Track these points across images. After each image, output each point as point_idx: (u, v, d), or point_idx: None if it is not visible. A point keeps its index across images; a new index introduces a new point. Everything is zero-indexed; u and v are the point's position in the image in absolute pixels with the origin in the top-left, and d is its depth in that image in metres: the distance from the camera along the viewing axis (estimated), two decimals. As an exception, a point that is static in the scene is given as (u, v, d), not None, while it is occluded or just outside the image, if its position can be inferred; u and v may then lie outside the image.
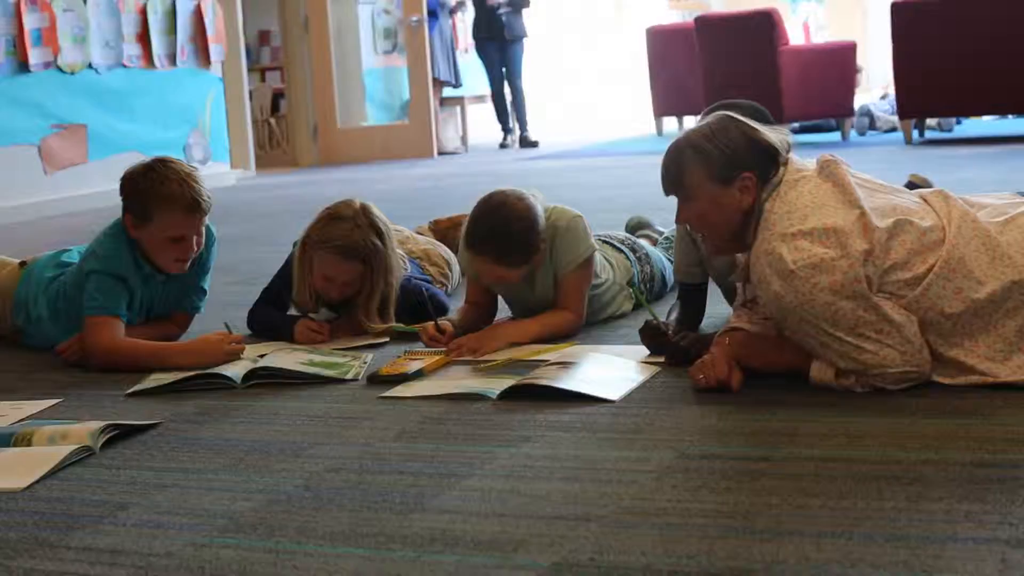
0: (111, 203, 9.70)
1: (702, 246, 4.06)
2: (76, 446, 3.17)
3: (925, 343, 3.21)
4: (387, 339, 4.34)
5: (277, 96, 15.96)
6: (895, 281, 3.18)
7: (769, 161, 3.34)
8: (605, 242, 4.54)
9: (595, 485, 2.70)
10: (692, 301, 4.15)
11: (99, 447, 3.22)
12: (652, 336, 3.83)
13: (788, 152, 3.40)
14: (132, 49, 11.10)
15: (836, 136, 12.99)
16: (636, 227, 5.53)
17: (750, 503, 2.53)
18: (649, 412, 3.24)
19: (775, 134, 3.40)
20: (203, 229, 4.34)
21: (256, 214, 9.24)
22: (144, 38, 11.22)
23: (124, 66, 11.01)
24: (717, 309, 4.28)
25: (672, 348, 3.67)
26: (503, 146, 15.05)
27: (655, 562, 2.25)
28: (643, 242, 4.83)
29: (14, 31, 9.87)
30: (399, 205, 8.63)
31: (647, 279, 4.62)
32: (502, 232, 4.04)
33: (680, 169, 3.41)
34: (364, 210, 4.36)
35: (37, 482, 2.99)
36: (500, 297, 4.41)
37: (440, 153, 14.39)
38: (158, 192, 4.20)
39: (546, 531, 2.45)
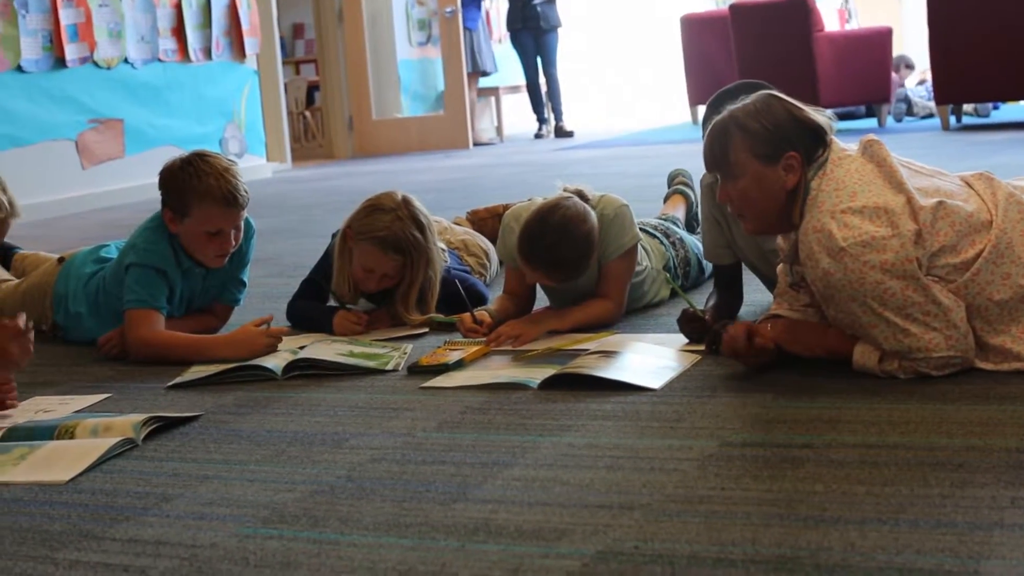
0: (148, 197, 9.78)
1: (727, 228, 4.05)
2: (119, 438, 3.18)
3: (971, 329, 3.20)
4: (426, 330, 4.34)
5: (312, 89, 15.99)
6: (944, 265, 3.16)
7: (814, 140, 3.32)
8: (640, 229, 4.53)
9: (638, 473, 2.70)
10: (727, 285, 4.14)
11: (141, 439, 3.23)
12: (690, 324, 3.82)
13: (831, 133, 3.37)
14: (167, 43, 11.13)
15: (871, 122, 12.93)
16: (675, 176, 5.55)
17: (794, 490, 2.52)
18: (690, 400, 3.23)
19: (818, 114, 3.38)
20: (241, 223, 4.34)
21: (293, 206, 9.26)
22: (179, 32, 11.25)
23: (159, 60, 11.04)
24: (756, 297, 4.27)
25: (711, 335, 3.65)
26: (538, 136, 15.04)
27: (700, 550, 2.25)
28: (675, 227, 4.82)
29: (51, 27, 9.91)
30: (435, 196, 8.63)
31: (682, 263, 4.61)
32: (559, 256, 4.02)
33: (724, 147, 3.37)
34: (406, 202, 4.36)
35: (81, 475, 3.00)
36: (538, 287, 4.40)
37: (475, 144, 14.39)
38: (196, 187, 4.21)
39: (590, 520, 2.44)
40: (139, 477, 2.97)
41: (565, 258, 4.03)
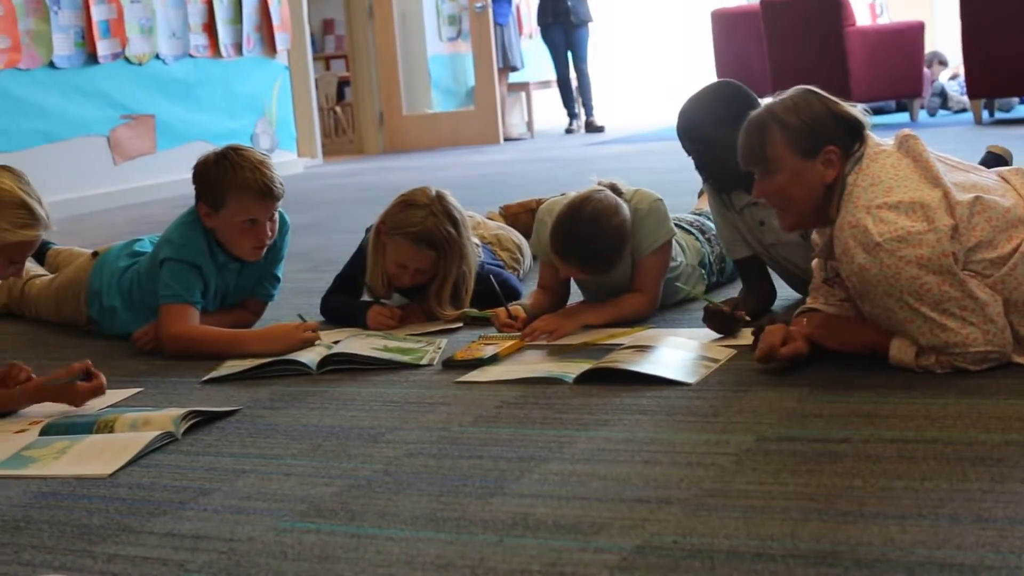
0: (179, 193, 9.82)
1: (736, 220, 4.04)
2: (159, 432, 3.19)
3: (1008, 324, 3.18)
4: (460, 324, 4.34)
5: (342, 84, 16.01)
6: (980, 260, 3.14)
7: (852, 134, 3.31)
8: (676, 224, 4.52)
9: (675, 468, 2.69)
10: (752, 277, 4.14)
11: (180, 433, 3.24)
12: (715, 318, 3.82)
13: (867, 127, 3.36)
14: (198, 39, 11.15)
15: (902, 117, 12.87)
16: None
17: (832, 485, 2.51)
18: (726, 395, 3.23)
19: (854, 109, 3.37)
20: (276, 215, 4.35)
21: (324, 202, 9.27)
22: (210, 28, 11.27)
23: (191, 56, 11.07)
24: (789, 292, 4.26)
25: (755, 334, 3.63)
26: (569, 131, 15.02)
27: (739, 545, 2.24)
28: (711, 223, 4.81)
29: (83, 23, 9.94)
30: (466, 191, 8.62)
31: (717, 259, 4.60)
32: (592, 249, 4.02)
33: (762, 141, 3.36)
34: (440, 198, 4.36)
35: (121, 468, 3.01)
36: (572, 281, 4.39)
37: (506, 139, 14.38)
38: (231, 180, 4.22)
39: (628, 514, 2.44)
40: (176, 471, 2.99)
41: (597, 250, 4.03)
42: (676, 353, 3.61)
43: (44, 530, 2.65)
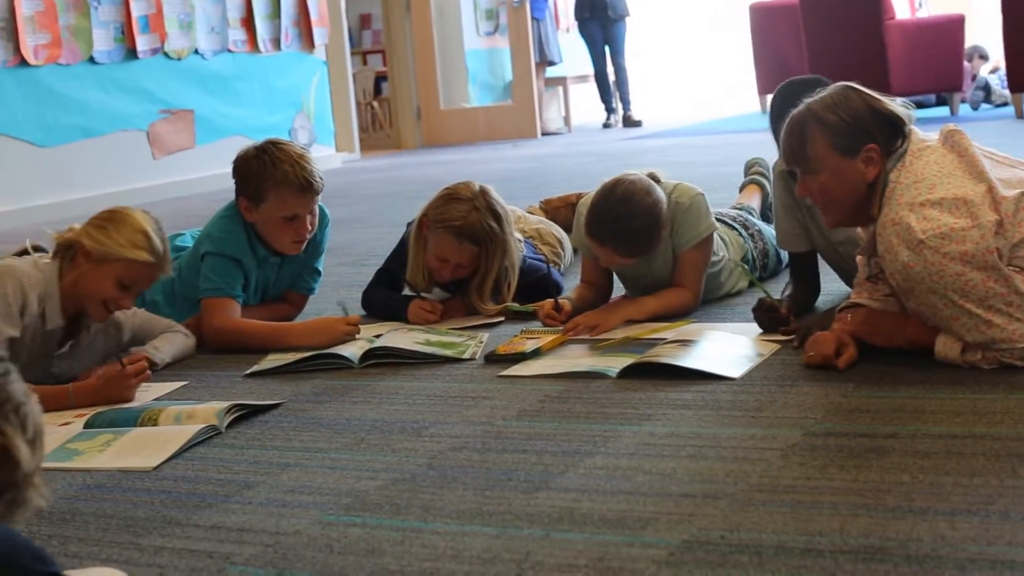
0: (218, 187, 9.84)
1: (800, 214, 4.02)
2: (203, 426, 3.20)
3: (1054, 319, 3.15)
4: (502, 319, 4.34)
5: (379, 79, 16.02)
6: (1024, 256, 3.12)
7: (893, 132, 3.28)
8: (718, 219, 4.50)
9: (721, 463, 2.68)
10: (803, 274, 4.11)
11: (224, 427, 3.25)
12: (765, 313, 3.79)
13: (910, 123, 3.34)
14: (237, 34, 11.18)
15: (942, 110, 12.81)
16: (751, 165, 5.53)
17: (880, 481, 2.49)
18: (771, 390, 3.21)
19: (896, 105, 3.34)
20: (316, 209, 4.36)
21: (363, 196, 9.28)
22: (248, 23, 11.30)
23: (229, 51, 11.10)
24: (834, 287, 4.24)
25: (800, 333, 3.61)
26: (606, 126, 15.01)
27: (788, 540, 2.23)
28: (753, 218, 4.79)
29: (122, 18, 9.98)
30: (504, 185, 8.56)
31: (760, 255, 4.58)
32: (625, 228, 4.01)
33: (802, 141, 3.34)
34: (483, 192, 4.36)
35: (165, 462, 3.01)
36: (616, 278, 4.38)
37: (543, 133, 14.37)
38: (271, 174, 4.23)
39: (674, 509, 2.43)
40: (220, 464, 2.99)
41: (630, 230, 4.01)
42: (720, 347, 3.59)
43: (90, 522, 2.66)
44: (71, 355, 3.84)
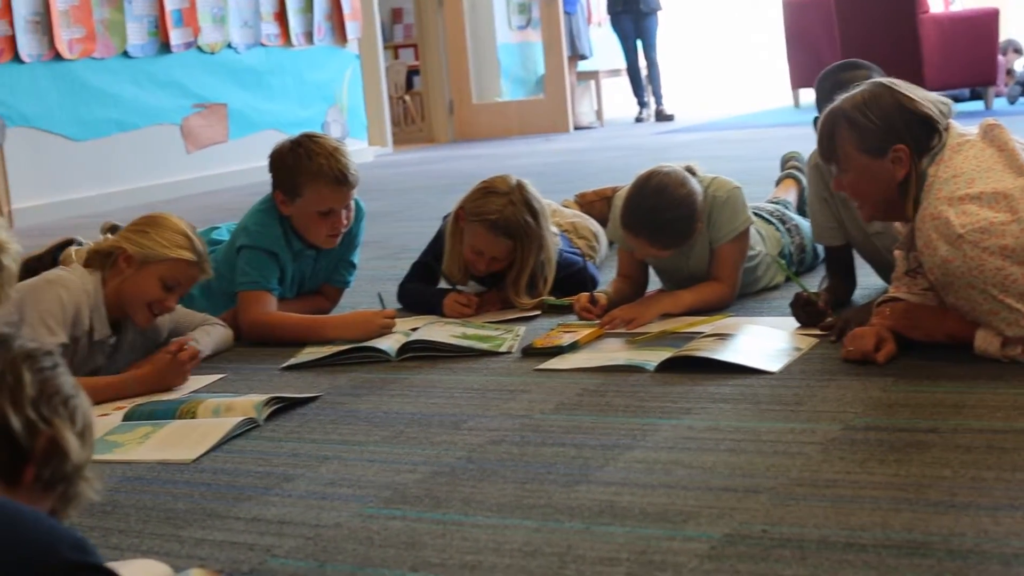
0: (251, 181, 9.86)
1: (835, 207, 4.00)
2: (241, 418, 3.20)
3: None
4: (538, 312, 4.33)
5: (411, 73, 16.03)
6: (1064, 250, 3.10)
7: (925, 132, 3.26)
8: (756, 214, 4.49)
9: (761, 457, 2.68)
10: (839, 268, 4.10)
11: (263, 419, 3.25)
12: (803, 308, 3.78)
13: (948, 118, 3.32)
14: (270, 28, 11.20)
15: (976, 105, 12.74)
16: (787, 159, 5.52)
17: (921, 475, 2.48)
18: (810, 384, 3.20)
19: (931, 103, 3.32)
20: (352, 203, 4.36)
21: (396, 190, 9.28)
22: (281, 17, 11.31)
23: (262, 45, 11.11)
24: (870, 280, 4.22)
25: (839, 328, 3.60)
26: (639, 120, 14.97)
27: (830, 534, 2.22)
28: (790, 212, 4.78)
29: (155, 12, 10.01)
30: (537, 179, 8.49)
31: (797, 250, 4.57)
32: (659, 219, 4.00)
33: (833, 140, 3.36)
34: (520, 187, 4.35)
35: (204, 454, 3.02)
36: (652, 271, 4.38)
37: (575, 128, 14.36)
38: (306, 167, 4.23)
39: (715, 503, 2.43)
40: (259, 457, 3.00)
41: (664, 221, 4.01)
42: (758, 341, 3.58)
43: (131, 514, 2.67)
44: (110, 359, 3.85)
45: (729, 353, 3.44)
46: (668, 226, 4.01)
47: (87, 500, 1.79)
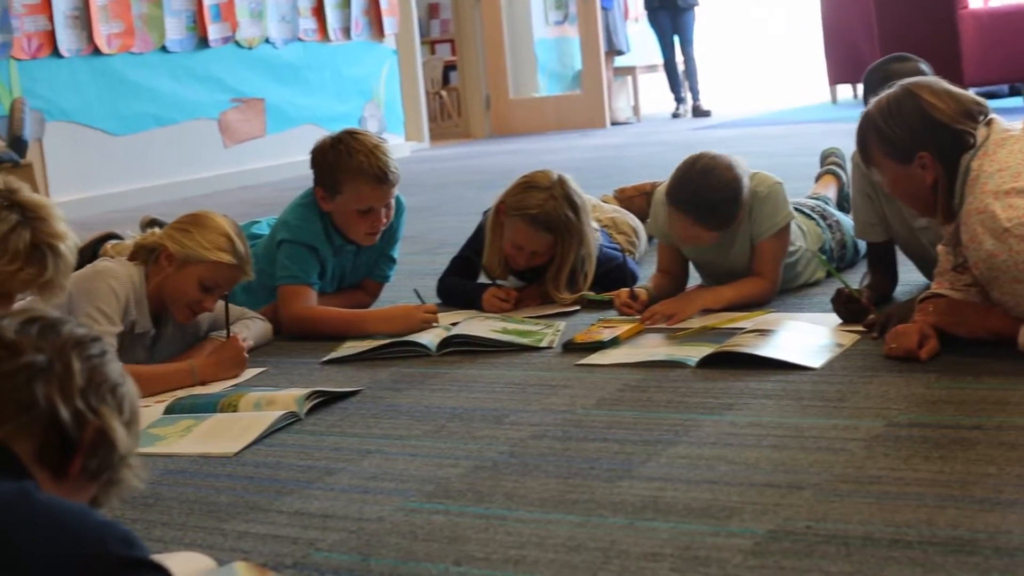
0: (289, 176, 9.88)
1: (878, 203, 3.99)
2: (282, 412, 3.21)
3: None
4: (577, 308, 4.33)
5: (447, 68, 16.04)
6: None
7: (947, 137, 3.25)
8: (797, 210, 4.48)
9: (804, 453, 2.67)
10: (881, 264, 4.08)
11: (304, 413, 3.26)
12: (845, 304, 3.77)
13: (982, 116, 3.30)
14: (307, 23, 11.21)
15: (1016, 101, 12.67)
16: (827, 155, 5.50)
17: (966, 472, 2.47)
18: (852, 380, 3.19)
19: (960, 103, 3.30)
20: (392, 200, 4.36)
21: (434, 185, 9.28)
22: (319, 12, 11.33)
23: (300, 40, 11.13)
24: (911, 276, 4.20)
25: (880, 324, 3.58)
26: (675, 116, 14.94)
27: (875, 531, 2.21)
28: (831, 208, 4.76)
29: (194, 7, 10.04)
30: (574, 175, 8.52)
31: (838, 246, 4.55)
32: (705, 199, 4.00)
33: (864, 145, 3.42)
34: (561, 182, 4.35)
35: (246, 447, 3.03)
36: (691, 264, 4.37)
37: (612, 123, 14.34)
38: (347, 164, 4.23)
39: (759, 499, 2.42)
40: (301, 451, 3.00)
41: (711, 200, 4.01)
42: (799, 337, 3.57)
43: (173, 507, 2.68)
44: (149, 352, 3.86)
45: (771, 349, 3.43)
46: (714, 206, 4.02)
47: (131, 489, 1.80)
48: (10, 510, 1.51)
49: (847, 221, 4.62)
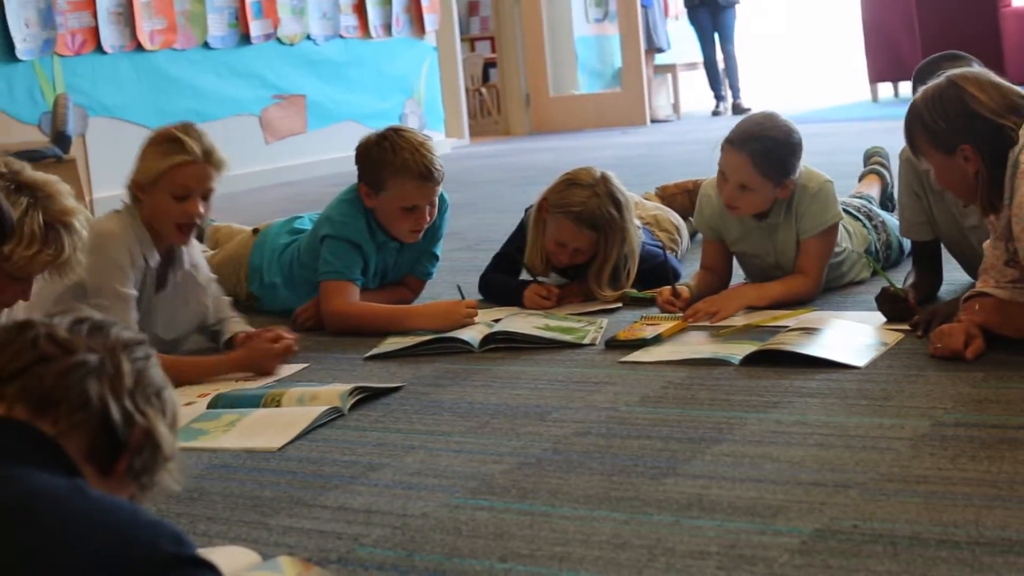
0: (329, 172, 9.90)
1: (926, 202, 3.97)
2: (326, 407, 3.21)
3: None
4: (619, 305, 4.32)
5: (487, 65, 16.03)
6: None
7: (988, 131, 3.24)
8: (843, 210, 4.47)
9: (850, 452, 2.66)
10: (926, 263, 4.06)
11: (348, 409, 3.26)
12: (890, 303, 3.75)
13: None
14: (348, 19, 11.22)
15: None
16: (871, 155, 5.48)
17: (1014, 472, 2.46)
18: (897, 379, 3.17)
19: (1005, 97, 3.28)
20: (436, 198, 4.36)
21: (475, 182, 9.28)
22: (360, 8, 11.33)
23: (341, 36, 11.13)
24: (955, 276, 4.18)
25: (924, 322, 3.57)
26: (715, 113, 14.89)
27: (922, 531, 2.20)
28: (877, 208, 4.74)
29: (236, 4, 10.05)
30: (615, 172, 8.57)
31: (883, 247, 4.53)
32: (766, 136, 4.05)
33: (911, 137, 3.41)
34: (604, 179, 4.35)
35: (290, 443, 3.03)
36: (735, 260, 4.35)
37: (652, 121, 14.31)
38: (391, 161, 4.23)
39: (805, 497, 2.41)
40: (344, 446, 3.00)
41: (771, 139, 4.05)
42: (843, 336, 3.55)
43: (217, 501, 2.69)
44: (167, 305, 3.91)
45: (815, 347, 3.41)
46: (771, 148, 4.05)
47: (167, 491, 1.80)
48: (65, 505, 1.52)
49: (892, 221, 4.60)
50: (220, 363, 3.78)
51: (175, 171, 3.76)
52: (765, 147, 4.02)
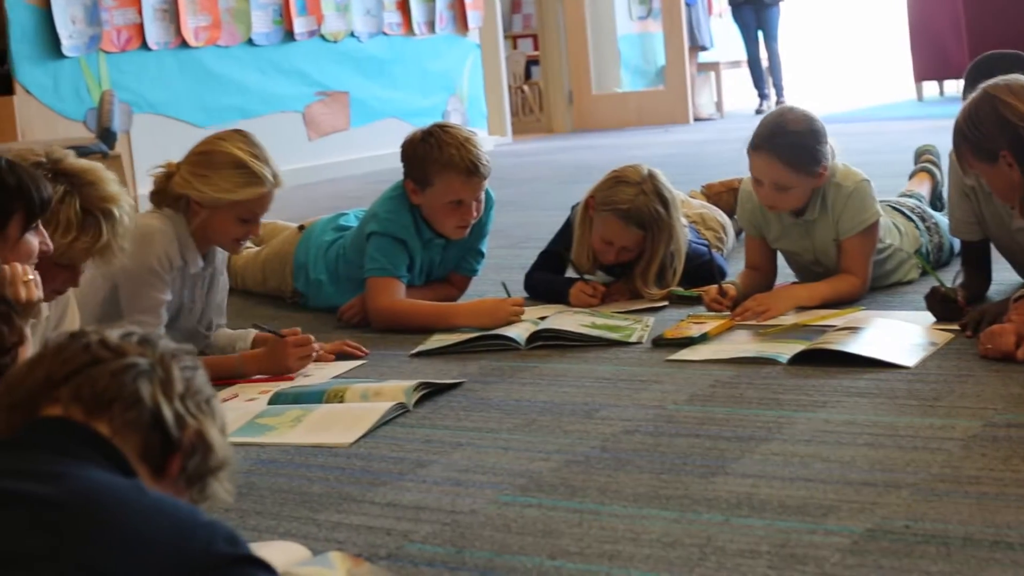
0: (372, 169, 9.91)
1: (976, 202, 3.95)
2: (392, 403, 3.21)
3: None
4: (665, 303, 4.31)
5: (529, 63, 16.03)
6: None
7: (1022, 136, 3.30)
8: (896, 209, 4.45)
9: (900, 452, 2.64)
10: (975, 264, 4.04)
11: (412, 404, 3.26)
12: (940, 302, 3.73)
13: None
14: (392, 17, 11.23)
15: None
16: (922, 153, 5.46)
17: (1067, 473, 2.44)
18: (947, 379, 3.16)
19: None
20: (482, 194, 4.36)
21: (518, 180, 9.27)
22: (404, 5, 11.34)
23: (384, 34, 11.15)
24: (1004, 276, 4.15)
25: (974, 322, 3.55)
26: (759, 112, 14.82)
27: (975, 532, 2.19)
28: (930, 210, 4.72)
29: (280, 1, 10.07)
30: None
31: (935, 249, 4.51)
32: (786, 131, 4.05)
33: (958, 154, 3.51)
34: (651, 177, 4.34)
35: (361, 438, 3.04)
36: (780, 256, 4.34)
37: (695, 119, 14.27)
38: (437, 157, 4.23)
39: (855, 497, 2.40)
40: (392, 443, 3.01)
41: (793, 133, 4.04)
42: (892, 335, 3.54)
43: (267, 496, 2.69)
44: (208, 293, 3.97)
45: (863, 347, 3.40)
46: (794, 142, 4.04)
47: (219, 502, 1.81)
48: (127, 503, 1.55)
49: (945, 223, 4.57)
50: (241, 361, 3.76)
51: (247, 203, 3.77)
52: (790, 143, 4.02)
